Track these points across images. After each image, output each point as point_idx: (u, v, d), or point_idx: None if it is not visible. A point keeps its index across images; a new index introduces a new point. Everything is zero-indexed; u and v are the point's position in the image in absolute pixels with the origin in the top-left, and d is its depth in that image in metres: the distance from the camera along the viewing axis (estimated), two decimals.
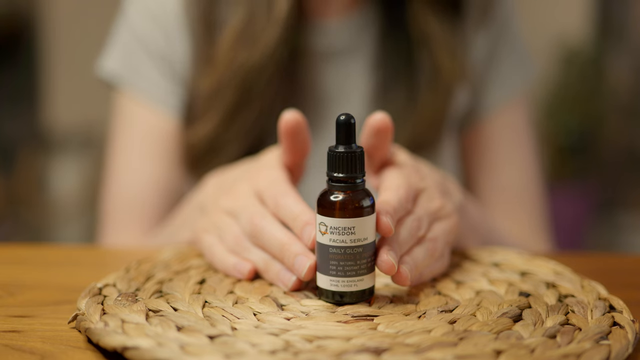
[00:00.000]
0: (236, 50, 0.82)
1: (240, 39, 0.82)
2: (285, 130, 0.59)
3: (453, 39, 0.86)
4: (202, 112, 0.85)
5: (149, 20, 0.88)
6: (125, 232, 0.88)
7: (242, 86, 0.82)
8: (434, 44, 0.85)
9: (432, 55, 0.85)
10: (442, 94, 0.86)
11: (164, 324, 0.48)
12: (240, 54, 0.82)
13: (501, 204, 0.93)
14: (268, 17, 0.82)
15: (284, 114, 0.60)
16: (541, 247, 0.92)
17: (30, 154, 2.45)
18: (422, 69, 0.86)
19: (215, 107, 0.84)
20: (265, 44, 0.81)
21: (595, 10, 2.38)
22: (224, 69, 0.83)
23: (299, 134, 0.60)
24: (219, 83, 0.83)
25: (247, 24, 0.82)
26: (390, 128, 0.58)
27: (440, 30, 0.85)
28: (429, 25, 0.85)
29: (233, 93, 0.83)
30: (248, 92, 0.83)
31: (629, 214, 2.34)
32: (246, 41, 0.82)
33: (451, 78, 0.86)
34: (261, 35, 0.82)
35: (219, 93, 0.83)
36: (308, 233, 0.53)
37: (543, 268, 0.60)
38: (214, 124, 0.84)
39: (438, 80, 0.86)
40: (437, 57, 0.85)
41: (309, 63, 0.87)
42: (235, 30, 0.83)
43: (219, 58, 0.83)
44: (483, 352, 0.44)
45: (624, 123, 2.36)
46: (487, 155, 0.93)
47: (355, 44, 0.88)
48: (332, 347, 0.45)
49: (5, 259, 0.70)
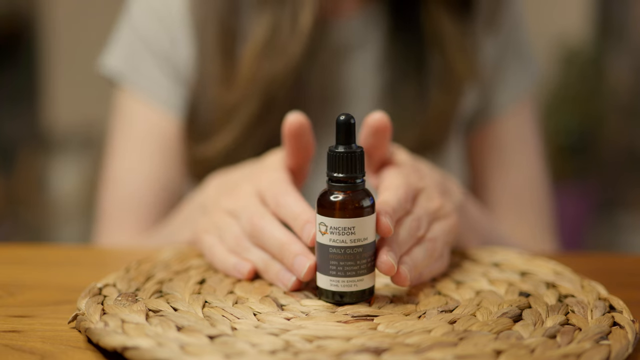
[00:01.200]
0: (260, 62, 0.81)
1: (264, 51, 0.81)
2: (289, 132, 0.59)
3: (465, 38, 0.86)
4: (220, 125, 0.83)
5: (153, 20, 0.88)
6: (121, 231, 0.87)
7: (264, 98, 0.81)
8: (447, 43, 0.85)
9: (445, 54, 0.85)
10: (452, 94, 0.86)
11: (164, 324, 0.48)
12: (263, 66, 0.81)
13: (508, 205, 0.93)
14: (292, 30, 0.81)
15: (288, 115, 0.59)
16: (547, 248, 0.92)
17: (30, 154, 2.45)
18: (432, 68, 0.86)
19: (235, 120, 0.82)
20: (290, 55, 0.80)
21: (595, 10, 2.37)
22: (247, 82, 0.81)
23: (302, 136, 0.59)
24: (242, 96, 0.82)
25: (271, 38, 0.81)
26: (388, 127, 0.58)
27: (454, 29, 0.85)
28: (443, 24, 0.85)
29: (255, 106, 0.81)
30: (269, 104, 0.82)
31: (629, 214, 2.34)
32: (270, 54, 0.81)
33: (463, 77, 0.86)
34: (286, 47, 0.81)
35: (241, 106, 0.82)
36: (308, 231, 0.53)
37: (543, 268, 0.60)
38: (233, 136, 0.82)
39: (449, 80, 0.85)
40: (450, 57, 0.85)
41: (319, 61, 0.87)
42: (258, 43, 0.81)
43: (242, 71, 0.82)
44: (483, 352, 0.44)
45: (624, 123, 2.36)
46: (495, 156, 0.93)
47: (365, 41, 0.88)
48: (332, 347, 0.45)
49: (5, 259, 0.70)
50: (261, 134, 0.83)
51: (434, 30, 0.85)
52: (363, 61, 0.88)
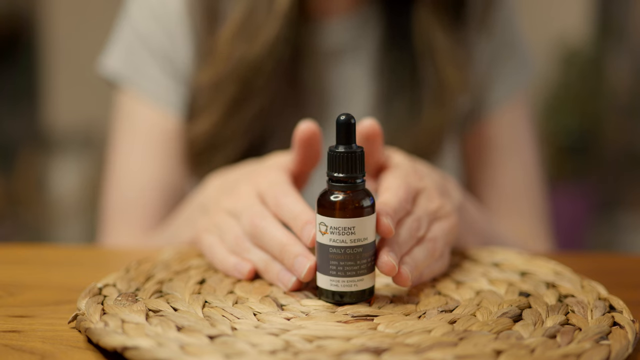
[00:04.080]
0: (235, 43, 0.82)
1: (240, 32, 0.82)
2: (300, 139, 0.59)
3: (458, 49, 0.86)
4: (203, 107, 0.84)
5: (152, 19, 0.88)
6: (126, 231, 0.87)
7: (241, 81, 0.82)
8: (438, 57, 0.85)
9: (437, 68, 0.85)
10: (445, 108, 0.86)
11: (164, 324, 0.48)
12: (239, 47, 0.82)
13: (503, 202, 0.93)
14: (268, 11, 0.81)
15: (300, 123, 0.60)
16: (542, 246, 0.92)
17: (30, 154, 2.45)
18: (425, 81, 0.86)
19: (215, 103, 0.83)
20: (265, 38, 0.81)
21: (595, 10, 2.38)
22: (223, 63, 0.82)
23: (313, 145, 0.60)
24: (219, 76, 0.83)
25: (248, 18, 0.82)
26: (379, 133, 0.59)
27: (445, 40, 0.85)
28: (434, 36, 0.85)
29: (233, 88, 0.82)
30: (248, 87, 0.82)
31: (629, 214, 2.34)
32: (246, 35, 0.82)
33: (455, 91, 0.86)
34: (261, 29, 0.81)
35: (219, 87, 0.83)
36: (308, 232, 0.53)
37: (543, 268, 0.60)
38: (214, 119, 0.83)
39: (442, 94, 0.86)
40: (442, 70, 0.85)
41: (311, 62, 0.87)
42: (235, 23, 0.82)
43: (218, 51, 0.83)
44: (483, 352, 0.44)
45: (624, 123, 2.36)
46: (489, 154, 0.93)
47: (357, 44, 0.88)
48: (332, 347, 0.45)
49: (5, 259, 0.70)
50: (242, 118, 0.83)
51: (426, 43, 0.85)
52: (356, 65, 0.88)
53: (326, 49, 0.88)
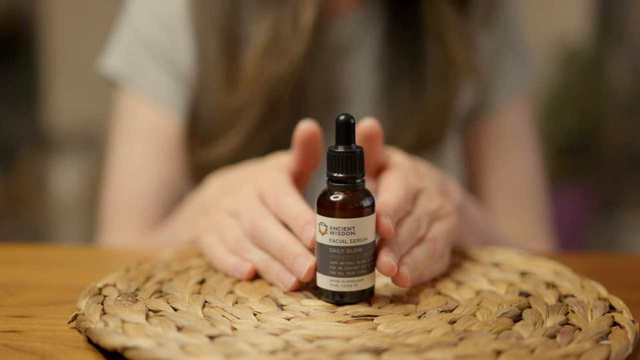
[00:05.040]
0: (264, 64, 0.81)
1: (267, 52, 0.81)
2: (301, 139, 0.59)
3: (466, 30, 0.86)
4: (225, 129, 0.83)
5: (153, 20, 0.88)
6: (125, 232, 0.87)
7: (268, 100, 0.82)
8: (447, 35, 0.85)
9: (445, 46, 0.85)
10: (450, 88, 0.86)
11: (164, 324, 0.48)
12: (267, 67, 0.81)
13: (505, 201, 0.93)
14: (294, 30, 0.81)
15: (300, 123, 0.60)
16: (543, 245, 0.92)
17: (30, 154, 2.45)
18: (431, 62, 0.86)
19: (240, 124, 0.83)
20: (293, 55, 0.81)
21: (595, 10, 2.38)
22: (250, 85, 0.82)
23: (313, 145, 0.60)
24: (246, 99, 0.82)
25: (274, 38, 0.81)
26: (379, 133, 0.59)
27: (455, 20, 0.85)
28: (445, 15, 0.85)
29: (260, 108, 0.82)
30: (274, 105, 0.82)
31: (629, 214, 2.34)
32: (273, 54, 0.81)
33: (462, 70, 0.86)
34: (288, 47, 0.81)
35: (245, 109, 0.82)
36: (308, 232, 0.53)
37: (543, 268, 0.60)
38: (238, 139, 0.83)
39: (448, 74, 0.86)
40: (450, 48, 0.85)
41: (319, 61, 0.87)
42: (261, 44, 0.81)
43: (245, 74, 0.82)
44: (483, 352, 0.44)
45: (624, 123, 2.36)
46: (490, 153, 0.93)
47: (363, 40, 0.88)
48: (332, 347, 0.45)
49: (5, 259, 0.70)
50: (266, 135, 0.83)
51: (435, 21, 0.85)
52: (360, 60, 0.88)
53: (334, 47, 0.87)
